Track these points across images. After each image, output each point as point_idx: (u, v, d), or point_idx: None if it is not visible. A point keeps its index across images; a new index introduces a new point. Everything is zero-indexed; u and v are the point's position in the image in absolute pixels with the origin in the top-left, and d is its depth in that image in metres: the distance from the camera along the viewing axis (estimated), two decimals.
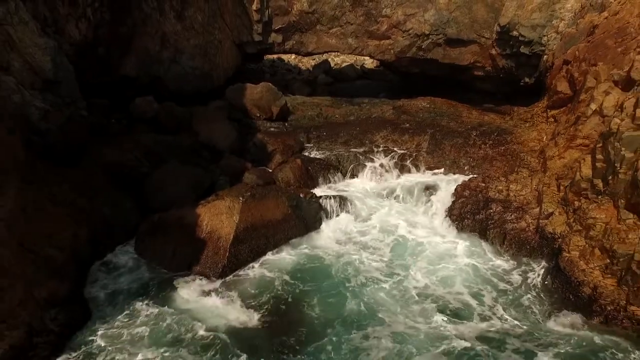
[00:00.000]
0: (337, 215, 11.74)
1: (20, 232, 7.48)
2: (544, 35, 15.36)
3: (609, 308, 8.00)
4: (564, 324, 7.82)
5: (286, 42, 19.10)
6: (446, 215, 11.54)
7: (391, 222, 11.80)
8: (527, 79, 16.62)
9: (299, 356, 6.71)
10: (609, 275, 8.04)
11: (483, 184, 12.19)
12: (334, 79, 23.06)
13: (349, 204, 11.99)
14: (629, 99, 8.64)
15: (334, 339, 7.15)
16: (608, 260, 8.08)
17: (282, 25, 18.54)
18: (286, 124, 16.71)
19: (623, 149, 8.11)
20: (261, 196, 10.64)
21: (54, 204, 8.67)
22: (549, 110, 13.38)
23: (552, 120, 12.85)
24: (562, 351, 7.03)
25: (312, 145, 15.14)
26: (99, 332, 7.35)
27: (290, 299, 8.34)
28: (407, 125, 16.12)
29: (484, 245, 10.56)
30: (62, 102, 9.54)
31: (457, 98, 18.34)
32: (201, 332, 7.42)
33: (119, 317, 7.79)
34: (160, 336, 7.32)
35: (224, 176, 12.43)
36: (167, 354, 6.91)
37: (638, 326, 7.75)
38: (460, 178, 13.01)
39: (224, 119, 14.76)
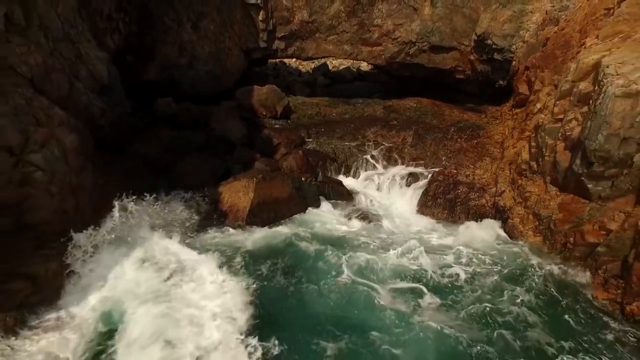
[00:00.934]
0: (333, 197, 14.75)
1: (94, 200, 10.51)
2: (513, 44, 18.40)
3: (541, 260, 10.95)
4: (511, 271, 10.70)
5: (288, 48, 22.15)
6: (423, 195, 14.54)
7: (379, 201, 14.83)
8: (501, 82, 19.63)
9: (290, 277, 9.86)
10: (538, 234, 11.06)
11: (455, 171, 15.24)
12: (332, 80, 26.07)
13: (343, 187, 15.02)
14: (550, 99, 11.69)
15: (318, 268, 10.27)
16: (537, 223, 11.11)
17: (284, 33, 21.57)
18: (289, 121, 19.70)
19: (546, 137, 11.15)
20: (270, 179, 13.69)
21: (111, 183, 11.70)
22: (513, 109, 16.42)
23: (515, 117, 15.88)
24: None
25: (311, 139, 18.13)
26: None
27: (291, 249, 11.38)
28: (395, 122, 19.15)
29: (452, 217, 13.56)
30: (113, 103, 12.58)
31: (444, 99, 21.33)
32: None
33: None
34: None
35: (238, 164, 15.42)
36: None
37: (572, 281, 10.57)
38: (438, 167, 16.00)
39: (235, 117, 17.80)
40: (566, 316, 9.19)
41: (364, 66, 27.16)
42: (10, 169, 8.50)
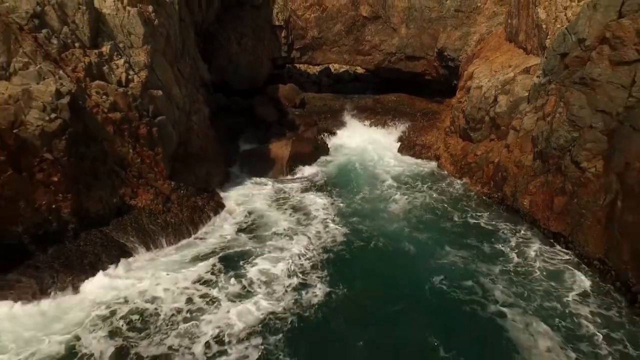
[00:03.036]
0: (337, 152, 26.86)
1: (212, 148, 22.51)
2: (460, 55, 30.65)
3: (452, 179, 22.96)
4: (442, 187, 22.65)
5: (302, 57, 34.41)
6: (396, 150, 26.65)
7: (363, 157, 26.99)
8: (455, 82, 31.81)
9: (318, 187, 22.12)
10: (452, 165, 23.16)
11: (415, 138, 27.41)
12: (334, 80, 38.33)
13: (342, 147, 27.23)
14: (459, 92, 23.88)
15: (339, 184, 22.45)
16: (451, 159, 23.21)
17: (300, 45, 33.83)
18: (304, 110, 31.89)
19: (455, 111, 23.34)
20: (299, 141, 25.86)
21: (215, 142, 23.67)
22: (457, 100, 28.56)
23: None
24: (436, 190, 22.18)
25: (321, 121, 30.30)
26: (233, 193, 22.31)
27: (320, 172, 23.58)
28: (380, 110, 31.42)
29: (411, 160, 25.69)
30: (208, 95, 24.62)
31: (417, 93, 33.57)
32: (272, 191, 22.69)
33: (239, 192, 22.70)
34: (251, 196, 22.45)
35: (275, 135, 27.45)
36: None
37: (463, 185, 22.54)
38: (405, 137, 28.16)
39: (270, 106, 30.01)
40: (457, 197, 21.26)
41: (359, 70, 39.37)
42: (185, 123, 20.46)
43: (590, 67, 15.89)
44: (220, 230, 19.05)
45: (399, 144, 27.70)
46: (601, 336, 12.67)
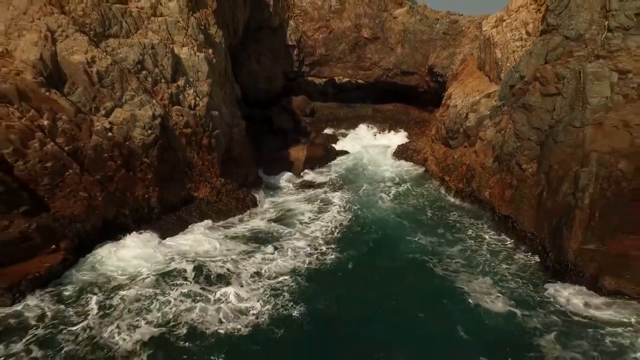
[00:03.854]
0: (343, 155, 34.82)
1: (247, 153, 30.45)
2: (447, 72, 38.64)
3: (434, 180, 30.87)
4: (426, 186, 30.57)
5: (312, 71, 42.41)
6: (392, 154, 34.65)
7: (365, 160, 34.91)
8: (444, 94, 39.80)
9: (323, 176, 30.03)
10: (436, 167, 31.12)
11: (409, 144, 35.40)
12: (338, 90, 46.32)
13: (348, 151, 35.21)
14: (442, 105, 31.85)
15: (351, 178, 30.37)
16: (436, 161, 31.18)
17: (309, 62, 41.80)
18: (314, 118, 39.88)
19: (438, 122, 31.27)
20: (312, 146, 33.79)
21: (249, 149, 31.65)
22: (440, 114, 36.53)
23: None
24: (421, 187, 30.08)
25: (328, 128, 38.26)
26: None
27: (331, 173, 31.46)
28: (379, 118, 39.44)
29: (404, 162, 33.67)
30: (241, 110, 32.42)
31: (411, 104, 41.60)
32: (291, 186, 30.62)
33: (267, 188, 30.54)
34: (278, 192, 30.34)
35: (293, 141, 35.37)
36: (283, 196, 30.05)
37: (444, 182, 30.41)
38: (401, 142, 36.13)
39: (286, 115, 37.98)
40: (435, 195, 29.18)
41: (361, 81, 47.32)
42: (229, 134, 28.31)
43: (528, 97, 23.84)
44: (256, 216, 26.91)
45: (395, 149, 35.67)
46: (514, 283, 20.62)
